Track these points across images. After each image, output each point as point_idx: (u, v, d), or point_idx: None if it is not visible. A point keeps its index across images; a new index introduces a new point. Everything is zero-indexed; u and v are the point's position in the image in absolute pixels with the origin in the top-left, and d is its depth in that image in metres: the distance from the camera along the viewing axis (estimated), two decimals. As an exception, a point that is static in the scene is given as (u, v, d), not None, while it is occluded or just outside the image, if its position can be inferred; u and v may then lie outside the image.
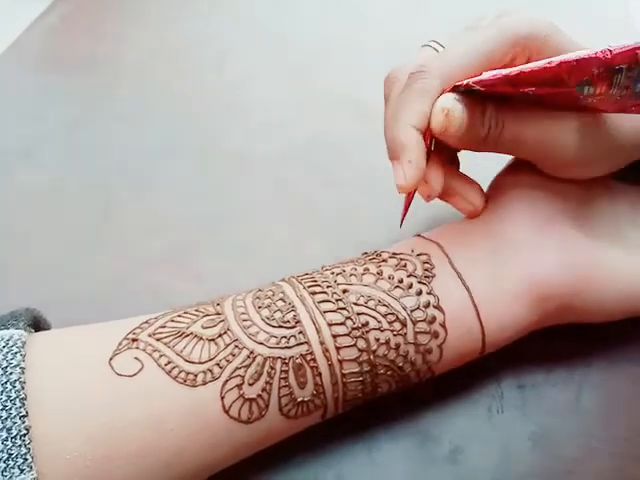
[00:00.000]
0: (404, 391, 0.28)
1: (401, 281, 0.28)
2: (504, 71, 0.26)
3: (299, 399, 0.25)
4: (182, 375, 0.24)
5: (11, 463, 0.21)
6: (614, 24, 0.51)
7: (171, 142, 0.44)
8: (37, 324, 0.27)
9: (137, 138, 0.44)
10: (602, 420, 0.29)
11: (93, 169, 0.42)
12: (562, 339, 0.31)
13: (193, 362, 0.24)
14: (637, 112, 0.28)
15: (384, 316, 0.26)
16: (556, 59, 0.26)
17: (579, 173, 0.30)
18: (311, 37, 0.53)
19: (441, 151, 0.30)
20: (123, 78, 0.49)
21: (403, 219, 0.31)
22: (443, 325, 0.27)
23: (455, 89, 0.28)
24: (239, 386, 0.24)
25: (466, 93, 0.28)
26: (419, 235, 0.31)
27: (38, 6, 0.55)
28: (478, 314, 0.28)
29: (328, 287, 0.27)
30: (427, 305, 0.27)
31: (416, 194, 0.31)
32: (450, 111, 0.27)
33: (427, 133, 0.28)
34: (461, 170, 0.32)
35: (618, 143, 0.29)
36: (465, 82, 0.27)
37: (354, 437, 0.29)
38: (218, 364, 0.24)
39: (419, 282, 0.28)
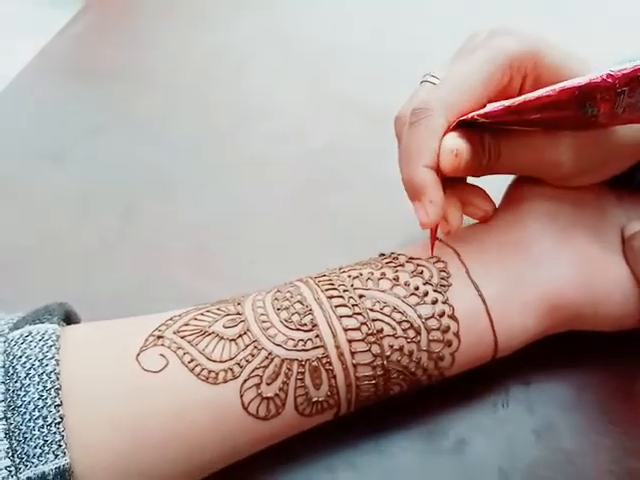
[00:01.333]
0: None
1: (417, 288, 0.28)
2: (506, 102, 0.27)
3: (314, 399, 0.26)
4: (204, 373, 0.25)
5: (46, 449, 0.22)
6: (630, 23, 0.52)
7: (192, 147, 0.45)
8: (69, 318, 0.28)
9: (160, 143, 0.46)
10: (603, 415, 0.30)
11: (118, 172, 0.44)
12: (567, 338, 0.32)
13: (215, 361, 0.25)
14: None
15: (399, 323, 0.27)
16: (558, 86, 0.26)
17: (580, 182, 0.31)
18: (328, 45, 0.54)
19: (452, 182, 0.30)
20: (146, 85, 0.51)
21: (433, 248, 0.30)
22: (457, 334, 0.28)
23: (460, 123, 0.28)
24: (257, 385, 0.25)
25: (466, 125, 0.28)
26: (439, 239, 0.31)
27: (65, 15, 0.57)
28: (492, 324, 0.28)
29: (345, 291, 0.28)
30: (442, 314, 0.28)
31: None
32: (458, 151, 0.28)
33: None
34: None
35: (614, 150, 0.30)
36: (470, 115, 0.28)
37: (364, 428, 0.30)
38: (238, 363, 0.25)
39: (435, 290, 0.28)
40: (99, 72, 0.52)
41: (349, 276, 0.29)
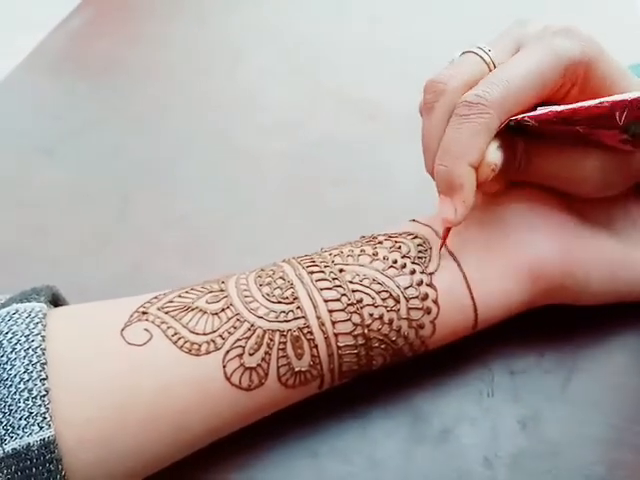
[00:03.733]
0: (395, 369, 0.30)
1: (395, 262, 0.29)
2: (558, 108, 0.27)
3: (297, 369, 0.27)
4: (187, 345, 0.26)
5: (31, 421, 0.23)
6: (616, 24, 0.52)
7: (186, 141, 0.46)
8: (56, 300, 0.29)
9: (154, 137, 0.46)
10: (589, 406, 0.30)
11: (112, 166, 0.44)
12: (553, 326, 0.32)
13: (197, 333, 0.26)
14: None
15: (378, 293, 0.28)
16: (609, 99, 0.26)
17: (598, 195, 0.31)
18: (323, 39, 0.54)
19: None
20: (142, 80, 0.51)
21: (443, 244, 0.30)
22: (435, 302, 0.28)
23: (507, 124, 0.28)
24: (240, 356, 0.26)
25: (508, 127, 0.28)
26: (414, 220, 0.32)
27: (61, 11, 0.57)
28: (470, 291, 0.29)
29: (325, 267, 0.29)
30: (420, 283, 0.28)
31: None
32: (496, 166, 0.28)
33: None
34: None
35: (634, 174, 0.31)
36: (520, 117, 0.28)
37: (349, 414, 0.30)
38: (221, 335, 0.26)
39: (412, 262, 0.29)
40: (95, 67, 0.53)
41: (330, 254, 0.30)
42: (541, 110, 0.27)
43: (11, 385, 0.23)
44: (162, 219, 0.41)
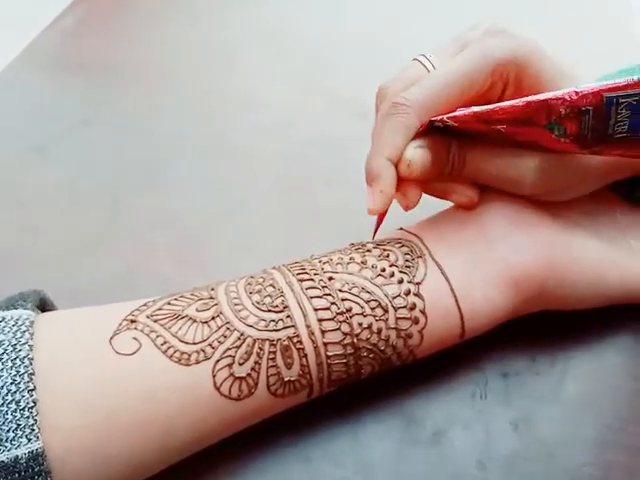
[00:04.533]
0: (386, 373, 0.30)
1: (384, 270, 0.29)
2: (476, 108, 0.28)
3: (286, 378, 0.27)
4: (177, 354, 0.26)
5: (19, 433, 0.22)
6: (615, 23, 0.52)
7: (179, 140, 0.46)
8: (44, 305, 0.29)
9: (147, 136, 0.46)
10: (582, 408, 0.30)
11: (105, 165, 0.44)
12: (545, 330, 0.32)
13: (187, 343, 0.26)
14: (616, 156, 0.29)
15: (367, 302, 0.28)
16: (525, 99, 0.27)
17: (544, 199, 0.32)
18: (317, 39, 0.54)
19: None
20: (135, 78, 0.51)
21: (376, 232, 0.33)
22: (423, 312, 0.29)
23: (430, 123, 0.29)
24: (230, 365, 0.26)
25: (436, 128, 0.29)
26: (402, 229, 0.33)
27: (55, 9, 0.57)
28: (457, 301, 0.29)
29: (315, 275, 0.29)
30: (408, 293, 0.29)
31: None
32: (412, 162, 0.29)
33: None
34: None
35: (579, 177, 0.31)
36: (440, 117, 0.29)
37: (340, 418, 0.30)
38: (210, 345, 0.26)
39: (400, 271, 0.29)
40: (88, 65, 0.53)
41: (319, 261, 0.30)
42: (461, 111, 0.28)
43: None
44: (154, 219, 0.41)
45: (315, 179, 0.42)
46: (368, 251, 0.30)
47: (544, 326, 0.32)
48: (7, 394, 0.23)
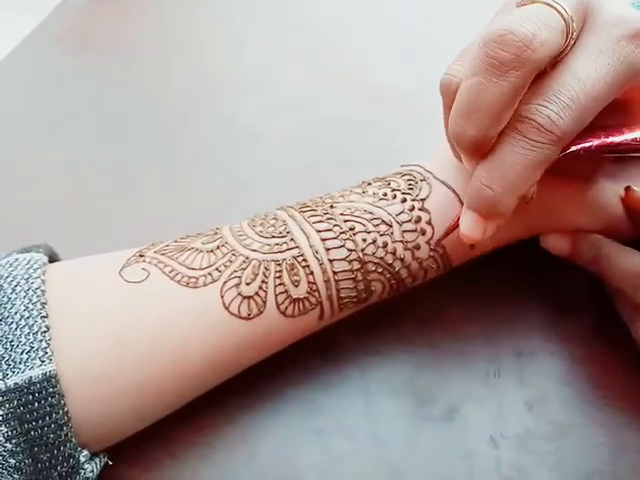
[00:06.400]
0: (401, 349, 0.30)
1: (385, 194, 0.30)
2: (610, 139, 0.26)
3: (294, 296, 0.27)
4: (185, 279, 0.26)
5: (33, 355, 0.23)
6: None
7: (188, 121, 0.46)
8: (54, 259, 0.29)
9: (158, 115, 0.46)
10: (596, 389, 0.30)
11: (116, 142, 0.44)
12: (560, 309, 0.33)
13: (194, 269, 0.27)
14: None
15: (369, 221, 0.28)
16: None
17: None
18: (327, 21, 0.54)
19: None
20: (145, 57, 0.51)
21: (446, 236, 0.29)
22: (429, 223, 0.29)
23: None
24: (237, 285, 0.26)
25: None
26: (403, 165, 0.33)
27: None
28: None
29: (317, 206, 0.29)
30: (412, 209, 0.29)
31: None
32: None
33: None
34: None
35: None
36: (572, 150, 0.26)
37: (354, 393, 0.30)
38: (217, 269, 0.27)
39: (403, 193, 0.29)
40: (99, 44, 0.53)
41: (321, 198, 0.30)
42: (593, 142, 0.26)
43: (12, 322, 0.23)
44: (164, 198, 0.41)
45: (324, 161, 0.42)
46: (369, 184, 0.31)
47: (559, 307, 0.33)
48: (20, 319, 0.23)
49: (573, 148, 0.26)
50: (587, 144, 0.26)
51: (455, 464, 0.28)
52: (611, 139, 0.26)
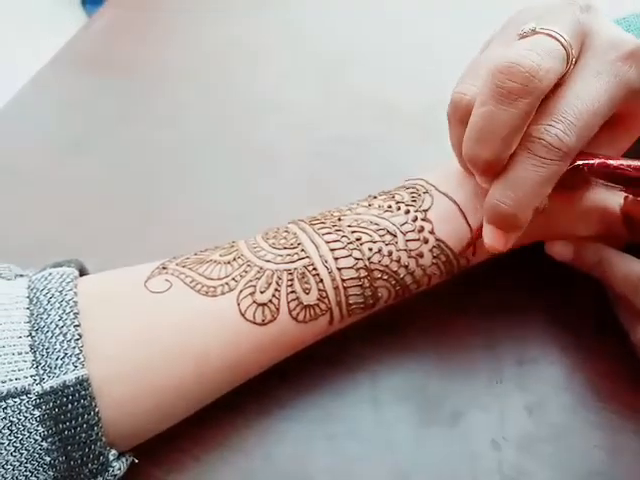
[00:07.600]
0: (408, 358, 0.31)
1: (390, 207, 0.31)
2: (608, 161, 0.28)
3: (305, 303, 0.29)
4: (204, 289, 0.28)
5: (67, 361, 0.25)
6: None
7: (207, 139, 0.47)
8: (84, 273, 0.31)
9: (176, 135, 0.47)
10: (593, 395, 0.32)
11: (136, 162, 0.46)
12: (558, 321, 0.34)
13: (213, 279, 0.29)
14: None
15: (375, 231, 0.30)
16: None
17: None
18: (341, 40, 0.55)
19: None
20: (165, 78, 0.52)
21: (470, 246, 0.31)
22: (432, 232, 0.31)
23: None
24: (252, 294, 0.28)
25: None
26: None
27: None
28: (466, 218, 0.31)
29: (326, 219, 0.31)
30: (415, 219, 0.31)
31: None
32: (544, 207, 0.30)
33: None
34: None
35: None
36: (578, 163, 0.28)
37: (365, 399, 0.32)
38: (234, 279, 0.29)
39: (407, 205, 0.31)
40: (120, 66, 0.54)
41: (329, 211, 0.32)
42: (595, 160, 0.28)
43: (48, 331, 0.26)
44: (184, 215, 0.42)
45: (339, 179, 0.43)
46: (374, 197, 0.33)
47: (557, 318, 0.34)
48: (55, 328, 0.26)
49: (578, 162, 0.28)
50: (590, 161, 0.28)
51: (460, 466, 0.30)
52: (610, 161, 0.28)
